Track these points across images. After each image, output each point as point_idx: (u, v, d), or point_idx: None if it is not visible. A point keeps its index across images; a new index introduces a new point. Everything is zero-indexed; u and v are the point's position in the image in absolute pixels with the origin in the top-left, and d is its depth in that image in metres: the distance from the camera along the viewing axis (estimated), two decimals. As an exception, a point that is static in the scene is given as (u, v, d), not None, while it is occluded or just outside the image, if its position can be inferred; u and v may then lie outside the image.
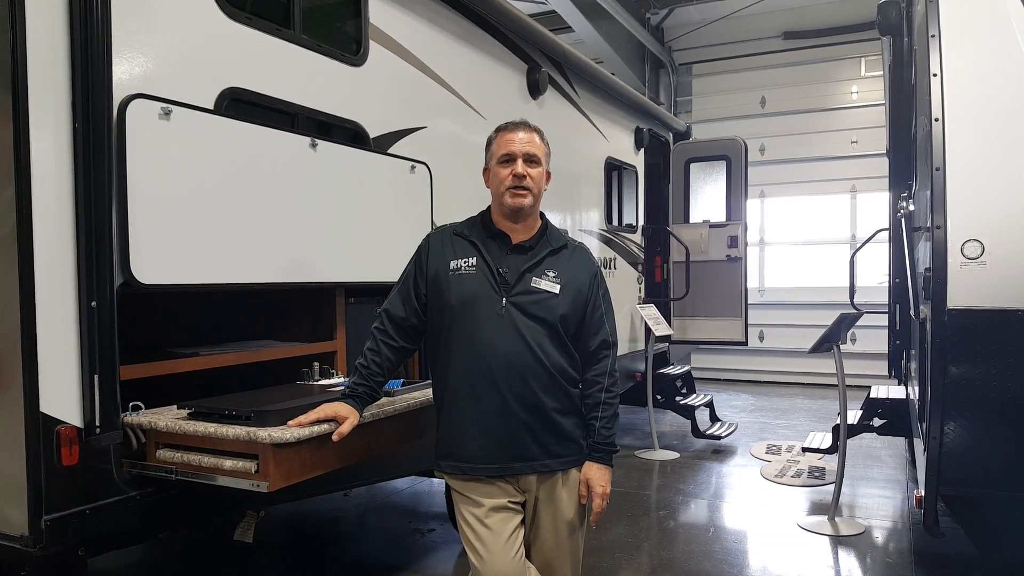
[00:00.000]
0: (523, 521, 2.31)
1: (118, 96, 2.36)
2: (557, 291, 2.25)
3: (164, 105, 2.48)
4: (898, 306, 5.54)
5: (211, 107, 2.72)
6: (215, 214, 2.67)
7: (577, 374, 2.32)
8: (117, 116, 2.35)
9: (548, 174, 2.38)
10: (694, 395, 7.36)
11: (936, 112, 2.93)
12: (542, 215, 2.40)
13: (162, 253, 2.48)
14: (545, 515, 2.31)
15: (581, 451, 2.32)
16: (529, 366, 2.20)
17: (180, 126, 2.53)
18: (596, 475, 2.30)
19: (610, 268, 6.58)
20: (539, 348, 2.21)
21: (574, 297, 2.27)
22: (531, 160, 2.28)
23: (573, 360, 2.31)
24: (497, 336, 2.20)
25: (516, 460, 2.24)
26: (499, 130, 2.34)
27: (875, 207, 9.78)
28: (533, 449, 2.24)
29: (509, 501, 2.27)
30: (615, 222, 6.84)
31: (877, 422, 5.27)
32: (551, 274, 2.27)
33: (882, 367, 6.67)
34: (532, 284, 2.24)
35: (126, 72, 2.44)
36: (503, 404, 2.20)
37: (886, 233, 6.03)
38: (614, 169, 6.76)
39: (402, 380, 2.93)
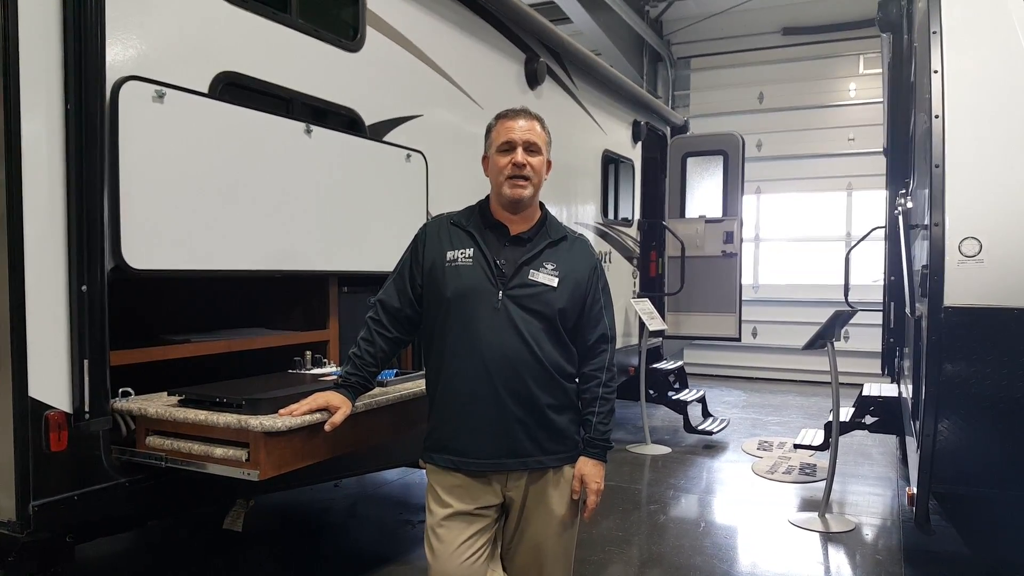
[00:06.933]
0: (489, 526, 2.25)
1: (111, 78, 2.32)
2: (555, 284, 2.21)
3: (158, 88, 2.45)
4: (892, 304, 5.55)
5: (205, 91, 2.69)
6: (208, 199, 2.64)
7: (573, 369, 2.29)
8: (110, 98, 2.32)
9: (549, 163, 2.33)
10: (687, 390, 7.37)
11: (936, 109, 2.91)
12: (542, 205, 2.35)
13: (154, 238, 2.45)
14: (535, 513, 2.27)
15: (575, 447, 2.29)
16: (524, 361, 2.16)
17: (174, 109, 2.50)
18: (591, 471, 2.26)
19: (605, 262, 6.56)
20: (535, 343, 2.17)
21: (573, 290, 2.23)
22: (531, 149, 2.23)
23: (570, 355, 2.27)
24: (493, 330, 2.16)
25: (508, 456, 2.20)
26: (499, 117, 2.29)
27: (871, 205, 9.80)
28: (526, 445, 2.20)
29: (477, 508, 2.22)
30: (611, 216, 6.82)
31: (869, 420, 5.29)
32: (549, 266, 2.22)
33: (875, 365, 6.70)
34: (529, 277, 2.20)
35: (119, 54, 2.40)
36: (497, 399, 2.16)
37: (881, 231, 6.05)
38: (611, 162, 6.74)
39: (395, 370, 2.91)
